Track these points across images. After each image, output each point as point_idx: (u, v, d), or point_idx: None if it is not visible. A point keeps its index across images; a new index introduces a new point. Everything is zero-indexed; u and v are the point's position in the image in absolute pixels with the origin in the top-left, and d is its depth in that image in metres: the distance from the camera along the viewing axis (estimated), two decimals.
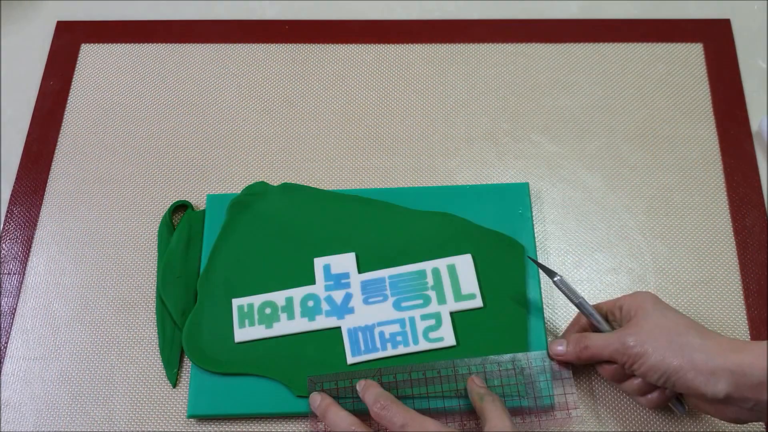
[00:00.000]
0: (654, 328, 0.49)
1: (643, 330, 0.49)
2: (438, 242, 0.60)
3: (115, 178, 0.66)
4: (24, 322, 0.61)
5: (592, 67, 0.69)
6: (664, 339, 0.48)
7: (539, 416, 0.54)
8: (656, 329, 0.49)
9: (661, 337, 0.48)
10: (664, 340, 0.48)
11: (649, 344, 0.48)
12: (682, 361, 0.47)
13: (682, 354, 0.47)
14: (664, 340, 0.48)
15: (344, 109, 0.69)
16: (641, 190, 0.64)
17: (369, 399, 0.51)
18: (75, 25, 0.74)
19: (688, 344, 0.48)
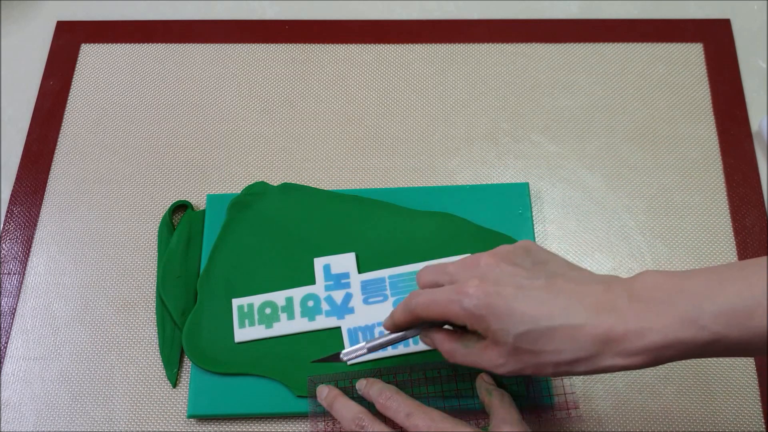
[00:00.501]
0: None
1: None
2: (438, 242, 0.60)
3: (115, 178, 0.66)
4: (24, 322, 0.61)
5: (592, 67, 0.69)
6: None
7: (539, 416, 0.54)
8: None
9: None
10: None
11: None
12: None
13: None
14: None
15: (344, 109, 0.69)
16: (641, 190, 0.64)
17: (374, 392, 0.52)
18: (75, 25, 0.74)
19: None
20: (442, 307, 0.44)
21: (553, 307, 0.41)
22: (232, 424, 0.56)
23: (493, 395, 0.51)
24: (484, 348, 0.44)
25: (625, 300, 0.40)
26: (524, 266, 0.43)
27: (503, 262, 0.44)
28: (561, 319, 0.40)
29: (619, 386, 0.57)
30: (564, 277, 0.43)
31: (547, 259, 0.45)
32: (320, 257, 0.60)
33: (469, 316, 0.43)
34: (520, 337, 0.41)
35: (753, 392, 0.57)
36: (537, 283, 0.42)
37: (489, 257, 0.44)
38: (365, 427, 0.50)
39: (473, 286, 0.42)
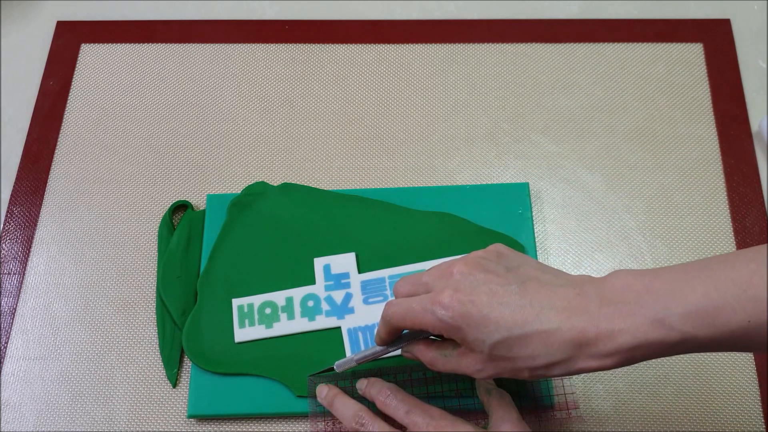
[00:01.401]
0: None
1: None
2: (438, 242, 0.60)
3: (115, 178, 0.66)
4: (24, 322, 0.61)
5: (592, 67, 0.69)
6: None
7: (539, 416, 0.54)
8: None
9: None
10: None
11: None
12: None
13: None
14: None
15: (344, 109, 0.69)
16: (641, 190, 0.64)
17: (374, 391, 0.52)
18: (75, 25, 0.74)
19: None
20: (416, 317, 0.44)
21: (527, 313, 0.41)
22: (232, 424, 0.56)
23: (492, 395, 0.51)
24: (462, 355, 0.45)
25: (596, 303, 0.41)
26: (497, 272, 0.44)
27: (476, 270, 0.44)
28: (534, 325, 0.41)
29: (619, 386, 0.57)
30: (537, 282, 0.43)
31: (519, 263, 0.45)
32: (320, 257, 0.60)
33: (444, 326, 0.43)
34: (495, 345, 0.42)
35: (753, 392, 0.57)
36: (510, 289, 0.42)
37: (462, 265, 0.44)
38: (365, 425, 0.50)
39: (447, 296, 0.43)
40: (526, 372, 0.42)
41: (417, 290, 0.46)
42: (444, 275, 0.45)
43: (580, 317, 0.40)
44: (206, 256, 0.61)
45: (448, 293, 0.43)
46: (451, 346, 0.46)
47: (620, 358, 0.40)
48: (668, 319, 0.39)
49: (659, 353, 0.40)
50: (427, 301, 0.44)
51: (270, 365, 0.56)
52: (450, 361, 0.46)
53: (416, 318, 0.44)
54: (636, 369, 0.57)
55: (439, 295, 0.43)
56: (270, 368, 0.56)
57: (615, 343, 0.39)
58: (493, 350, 0.42)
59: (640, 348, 0.39)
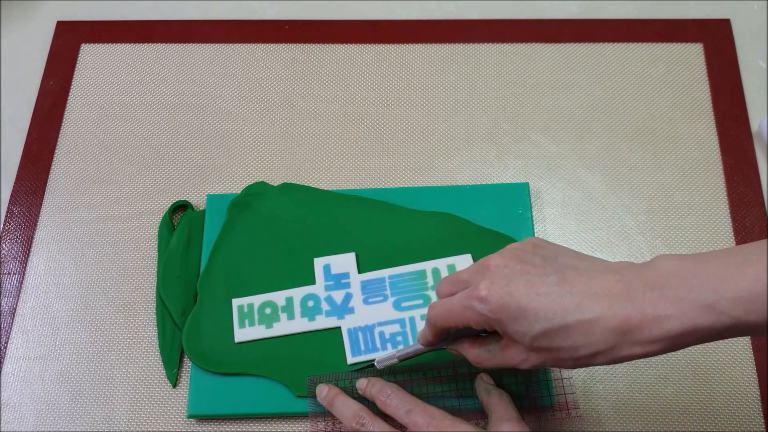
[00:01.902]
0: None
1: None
2: (438, 242, 0.60)
3: (115, 178, 0.66)
4: (24, 322, 0.61)
5: (592, 67, 0.69)
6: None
7: (539, 416, 0.54)
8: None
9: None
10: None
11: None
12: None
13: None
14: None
15: (344, 109, 0.69)
16: (641, 190, 0.64)
17: (374, 390, 0.52)
18: (75, 25, 0.74)
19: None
20: (458, 315, 0.44)
21: (567, 303, 0.40)
22: (232, 424, 0.56)
23: (491, 394, 0.51)
24: (505, 348, 0.44)
25: (640, 288, 0.39)
26: (534, 263, 0.43)
27: (513, 262, 0.43)
28: (575, 315, 0.40)
29: (619, 386, 0.57)
30: (575, 270, 0.42)
31: (556, 253, 0.44)
32: (320, 257, 0.60)
33: (484, 320, 0.42)
34: (536, 337, 0.41)
35: (753, 392, 0.57)
36: (548, 280, 0.41)
37: (498, 258, 0.44)
38: (365, 425, 0.50)
39: (485, 289, 0.42)
40: (570, 362, 0.42)
41: (456, 288, 0.45)
42: (481, 270, 0.44)
43: (623, 304, 0.39)
44: (206, 256, 0.61)
45: (484, 286, 0.42)
46: (494, 341, 0.45)
47: (666, 344, 0.39)
48: (718, 304, 0.38)
49: (706, 338, 0.39)
50: (465, 298, 0.43)
51: (270, 365, 0.56)
52: (495, 356, 0.45)
53: (457, 316, 0.44)
54: (636, 369, 0.57)
55: (476, 289, 0.42)
56: (270, 368, 0.56)
57: (662, 329, 0.39)
58: (535, 342, 0.41)
59: (689, 334, 0.38)
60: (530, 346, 0.42)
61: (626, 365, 0.57)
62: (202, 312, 0.59)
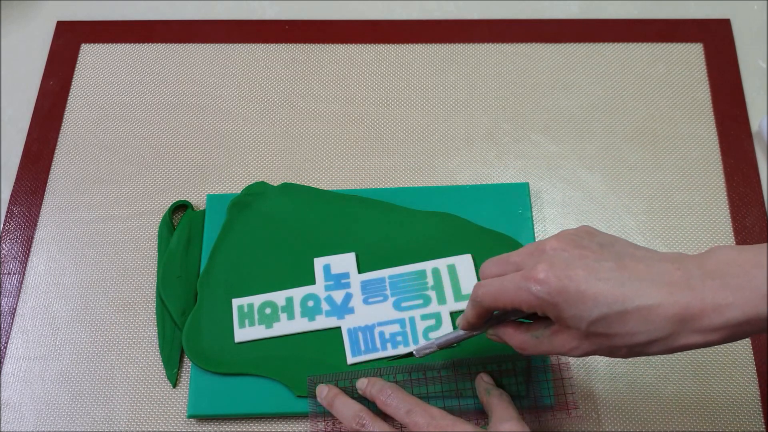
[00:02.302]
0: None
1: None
2: (438, 242, 0.60)
3: (115, 178, 0.66)
4: (24, 322, 0.61)
5: (592, 67, 0.69)
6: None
7: (539, 416, 0.54)
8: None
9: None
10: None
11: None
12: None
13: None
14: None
15: (344, 109, 0.69)
16: (641, 190, 0.64)
17: (375, 390, 0.52)
18: (75, 25, 0.74)
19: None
20: (511, 295, 0.42)
21: (627, 288, 0.39)
22: (232, 424, 0.56)
23: (491, 394, 0.51)
24: (555, 333, 0.43)
25: (700, 276, 0.39)
26: (591, 248, 0.42)
27: (570, 246, 0.42)
28: (635, 301, 0.39)
29: (619, 386, 0.57)
30: (632, 257, 0.41)
31: (612, 241, 0.43)
32: (320, 257, 0.60)
33: (540, 302, 0.41)
34: (593, 322, 0.40)
35: (753, 392, 0.57)
36: (607, 265, 0.41)
37: (555, 242, 0.43)
38: (366, 425, 0.50)
39: (543, 271, 0.41)
40: (624, 350, 0.41)
41: (506, 269, 0.44)
42: (536, 252, 0.43)
43: (683, 292, 0.39)
44: (206, 256, 0.61)
45: (543, 268, 0.41)
46: (542, 326, 0.44)
47: (726, 333, 0.38)
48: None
49: (766, 328, 0.38)
50: (520, 278, 0.42)
51: (270, 365, 0.56)
52: (542, 342, 0.44)
53: (510, 296, 0.43)
54: (636, 369, 0.57)
55: (532, 270, 0.41)
56: (270, 368, 0.56)
57: (723, 318, 0.38)
58: (591, 327, 0.40)
59: (750, 323, 0.38)
60: (586, 331, 0.41)
61: (626, 365, 0.57)
62: (202, 312, 0.59)
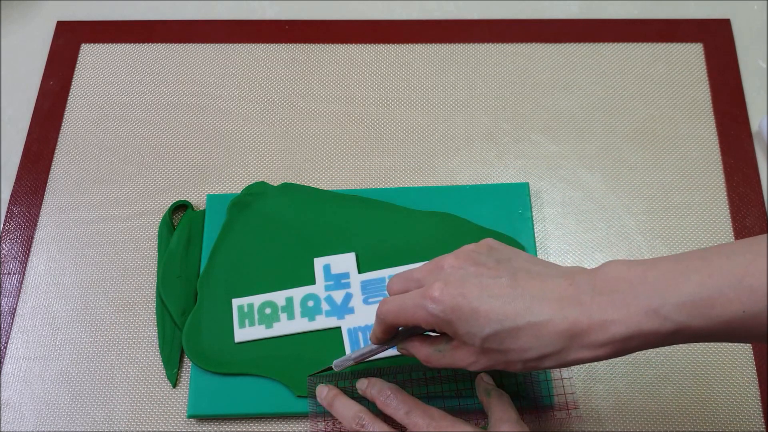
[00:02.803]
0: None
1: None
2: (438, 242, 0.60)
3: (115, 178, 0.66)
4: (24, 322, 0.61)
5: (592, 67, 0.69)
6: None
7: (539, 416, 0.54)
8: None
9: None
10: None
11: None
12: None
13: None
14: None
15: (344, 109, 0.69)
16: (641, 190, 0.64)
17: (374, 391, 0.52)
18: (75, 25, 0.74)
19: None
20: (410, 313, 0.44)
21: (517, 305, 0.41)
22: (232, 424, 0.56)
23: (491, 395, 0.51)
24: (455, 349, 0.45)
25: (589, 293, 0.40)
26: (488, 264, 0.43)
27: (467, 263, 0.44)
28: (525, 317, 0.40)
29: (619, 386, 0.57)
30: (528, 273, 0.43)
31: (510, 256, 0.45)
32: (320, 257, 0.60)
33: (436, 320, 0.43)
34: (486, 338, 0.42)
35: (753, 392, 0.57)
36: (501, 282, 0.42)
37: (453, 259, 0.44)
38: (365, 426, 0.50)
39: (438, 289, 0.42)
40: (519, 364, 0.42)
41: (409, 286, 0.46)
42: (435, 270, 0.45)
43: (572, 308, 0.40)
44: (206, 256, 0.61)
45: (438, 287, 0.42)
46: (444, 340, 0.46)
47: (613, 349, 0.40)
48: (663, 309, 0.38)
49: (653, 344, 0.40)
50: (418, 297, 0.43)
51: (270, 365, 0.56)
52: (445, 356, 0.46)
53: (408, 314, 0.44)
54: (636, 369, 0.57)
55: (429, 289, 0.43)
56: (270, 368, 0.56)
57: (608, 334, 0.39)
58: (485, 343, 0.42)
59: (634, 338, 0.39)
60: (480, 347, 0.42)
61: (626, 365, 0.57)
62: (202, 312, 0.59)
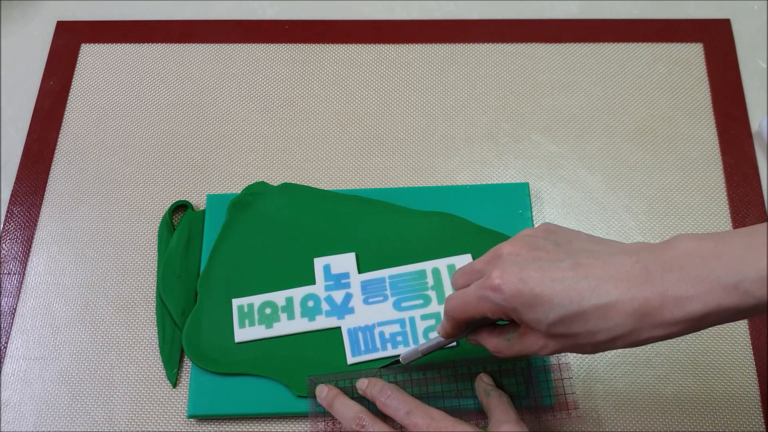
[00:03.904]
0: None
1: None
2: (438, 242, 0.60)
3: (115, 178, 0.66)
4: (24, 322, 0.61)
5: (592, 67, 0.69)
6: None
7: (539, 416, 0.54)
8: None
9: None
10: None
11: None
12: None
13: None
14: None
15: (344, 109, 0.69)
16: (641, 190, 0.64)
17: (375, 391, 0.52)
18: (75, 25, 0.74)
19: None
20: (473, 306, 0.43)
21: (582, 288, 0.39)
22: (232, 424, 0.56)
23: (491, 396, 0.51)
24: (523, 335, 0.43)
25: (658, 270, 0.38)
26: (547, 248, 0.42)
27: (525, 249, 0.42)
28: (591, 299, 0.39)
29: (619, 386, 0.57)
30: (590, 254, 0.41)
31: (569, 237, 0.43)
32: (320, 257, 0.60)
33: (501, 309, 0.42)
34: (552, 324, 0.40)
35: (753, 392, 0.57)
36: (562, 265, 0.40)
37: (510, 246, 0.43)
38: (366, 426, 0.50)
39: (497, 277, 0.41)
40: (589, 347, 0.41)
41: (471, 279, 0.45)
42: (494, 258, 0.43)
43: (641, 286, 0.38)
44: (206, 256, 0.61)
45: (497, 275, 0.41)
46: (512, 329, 0.45)
47: (689, 326, 0.38)
48: (742, 284, 0.37)
49: (728, 319, 0.38)
50: (479, 288, 0.42)
51: (270, 365, 0.56)
52: (513, 345, 0.44)
53: (473, 307, 0.43)
54: (636, 369, 0.57)
55: (489, 279, 0.42)
56: (270, 368, 0.56)
57: (683, 311, 0.38)
58: (552, 328, 0.40)
59: (711, 315, 0.37)
60: (547, 332, 0.41)
61: (626, 365, 0.57)
62: (202, 312, 0.59)
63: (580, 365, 0.58)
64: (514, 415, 0.49)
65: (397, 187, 0.64)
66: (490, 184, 0.64)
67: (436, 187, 0.63)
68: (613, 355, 0.58)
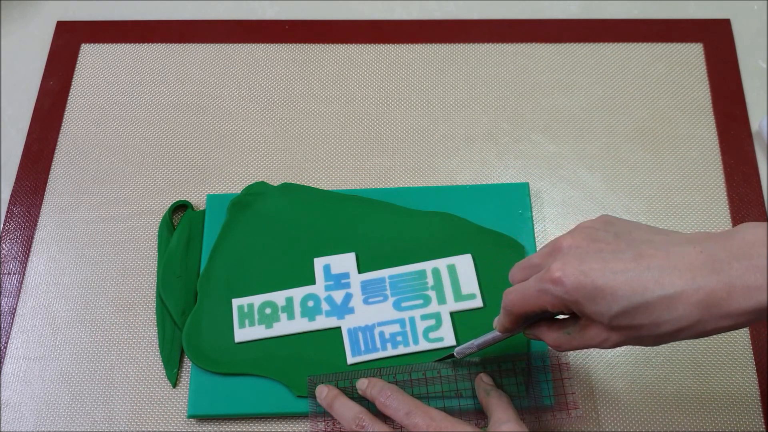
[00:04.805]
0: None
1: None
2: (438, 242, 0.60)
3: (115, 178, 0.66)
4: (24, 322, 0.61)
5: (592, 67, 0.69)
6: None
7: (539, 416, 0.54)
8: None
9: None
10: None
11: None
12: None
13: None
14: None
15: (344, 109, 0.69)
16: (641, 190, 0.64)
17: (374, 391, 0.52)
18: (75, 25, 0.74)
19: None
20: (533, 300, 0.42)
21: (645, 279, 0.38)
22: (232, 424, 0.56)
23: (491, 395, 0.51)
24: (584, 329, 0.43)
25: (725, 259, 0.37)
26: (607, 240, 0.41)
27: (585, 241, 0.42)
28: (655, 291, 0.38)
29: (619, 386, 0.57)
30: (651, 244, 0.40)
31: (629, 228, 0.42)
32: (320, 257, 0.60)
33: (562, 302, 0.41)
34: (616, 316, 0.39)
35: (753, 392, 0.57)
36: (624, 257, 0.39)
37: (569, 238, 0.42)
38: (365, 426, 0.50)
39: (558, 270, 0.40)
40: (651, 339, 0.40)
41: (529, 273, 0.44)
42: (553, 251, 0.43)
43: (707, 276, 0.37)
44: (206, 256, 0.61)
45: (557, 267, 0.41)
46: (572, 322, 0.44)
47: (755, 316, 0.37)
48: None
49: None
50: (539, 281, 0.42)
51: (270, 365, 0.56)
52: (574, 338, 0.43)
53: (532, 300, 0.43)
54: (636, 369, 0.57)
55: (548, 272, 0.41)
56: (270, 368, 0.56)
57: (752, 301, 0.36)
58: (614, 321, 0.39)
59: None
60: (610, 325, 0.40)
61: (626, 365, 0.57)
62: (202, 312, 0.59)
63: (580, 365, 0.58)
64: (513, 415, 0.49)
65: (397, 187, 0.64)
66: (490, 184, 0.64)
67: (436, 187, 0.63)
68: (613, 355, 0.58)
